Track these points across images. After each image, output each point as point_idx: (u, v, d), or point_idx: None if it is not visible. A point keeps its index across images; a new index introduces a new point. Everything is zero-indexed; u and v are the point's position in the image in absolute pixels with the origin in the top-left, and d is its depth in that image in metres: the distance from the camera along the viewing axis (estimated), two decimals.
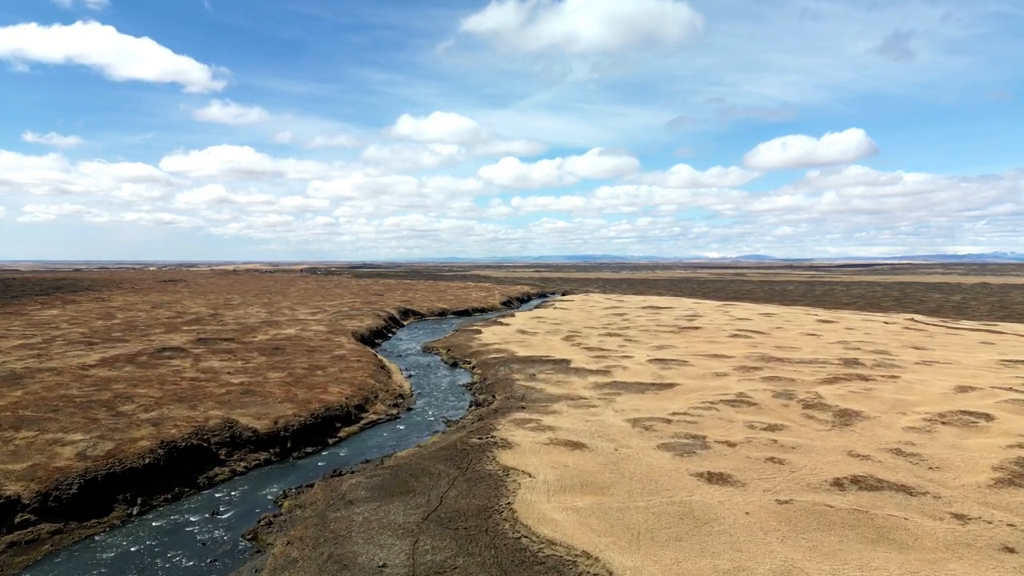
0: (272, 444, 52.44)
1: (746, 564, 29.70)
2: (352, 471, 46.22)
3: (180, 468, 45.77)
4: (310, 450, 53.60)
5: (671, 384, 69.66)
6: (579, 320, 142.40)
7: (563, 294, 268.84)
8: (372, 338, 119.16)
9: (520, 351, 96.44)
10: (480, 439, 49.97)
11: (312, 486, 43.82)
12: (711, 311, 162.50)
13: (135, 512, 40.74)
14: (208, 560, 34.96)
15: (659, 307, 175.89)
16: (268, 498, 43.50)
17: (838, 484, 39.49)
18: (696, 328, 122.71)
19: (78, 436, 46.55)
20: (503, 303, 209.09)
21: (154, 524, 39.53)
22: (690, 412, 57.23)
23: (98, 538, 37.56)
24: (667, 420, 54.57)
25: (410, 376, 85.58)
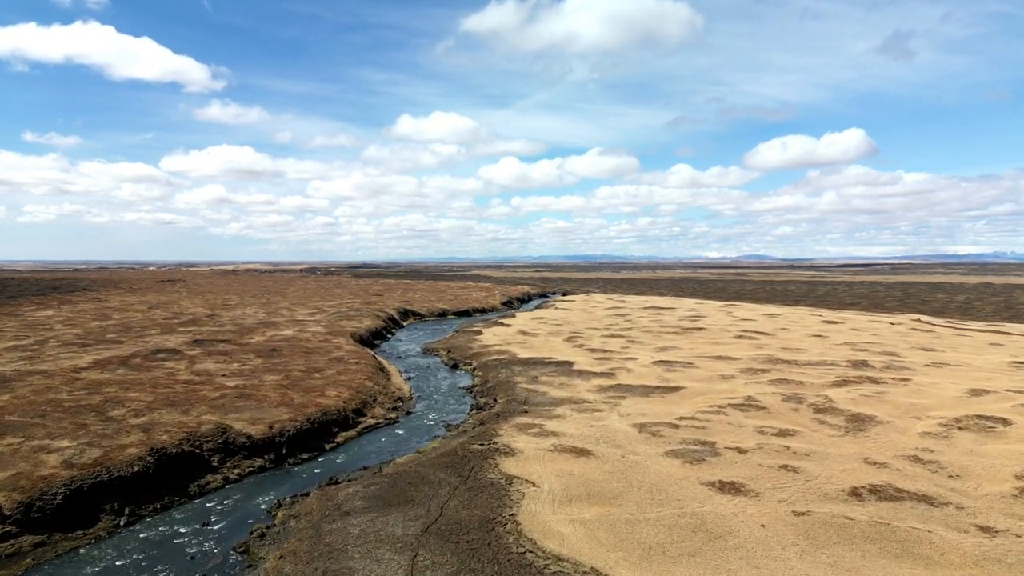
0: (267, 450, 50.78)
1: None
2: (349, 479, 44.58)
3: (170, 476, 44.11)
4: (306, 456, 51.94)
5: (677, 387, 68.00)
6: (581, 321, 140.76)
7: (564, 294, 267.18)
8: (371, 339, 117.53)
9: (522, 353, 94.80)
10: (482, 445, 48.31)
11: (307, 495, 42.18)
12: (714, 311, 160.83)
13: (122, 523, 39.08)
14: (196, 575, 33.32)
15: (661, 307, 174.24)
16: (261, 507, 41.85)
17: (856, 494, 37.83)
18: (700, 329, 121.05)
19: (65, 443, 44.89)
20: (503, 303, 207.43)
21: (142, 536, 37.87)
22: (698, 417, 55.57)
23: (83, 551, 35.90)
24: (674, 425, 52.91)
25: (409, 378, 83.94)
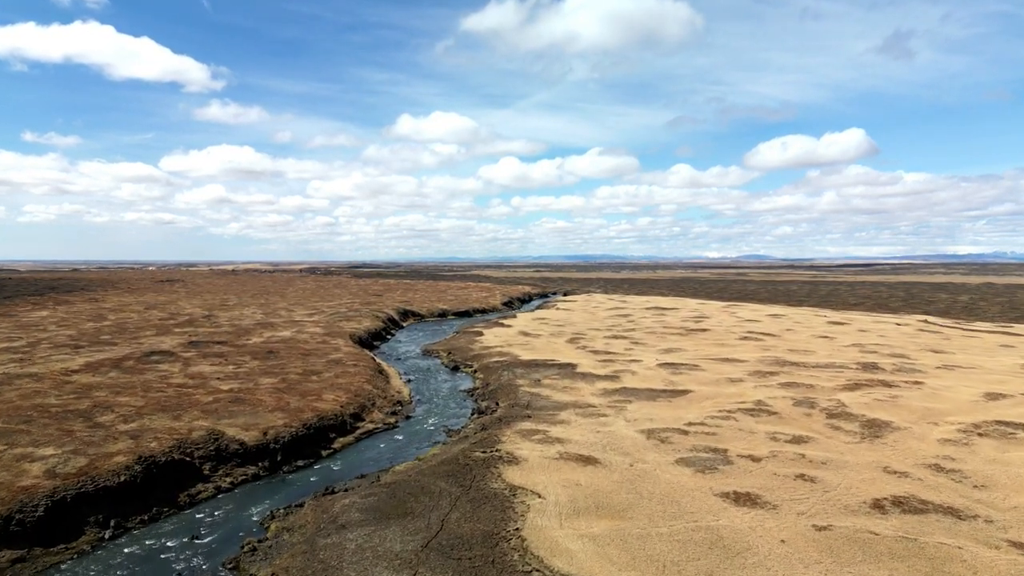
0: (261, 457, 48.93)
1: None
2: (346, 488, 42.73)
3: (159, 485, 42.26)
4: (301, 464, 50.09)
5: (684, 391, 66.15)
6: (583, 322, 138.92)
7: (565, 294, 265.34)
8: (370, 340, 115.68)
9: (523, 354, 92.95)
10: (484, 453, 46.47)
11: (302, 506, 40.33)
12: (717, 312, 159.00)
13: (107, 536, 37.24)
14: None
15: (664, 308, 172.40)
16: (254, 519, 40.00)
17: (878, 506, 35.99)
18: (704, 330, 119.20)
19: (49, 451, 43.03)
20: (504, 304, 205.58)
21: (127, 550, 36.02)
22: (707, 422, 53.72)
23: (64, 566, 34.07)
24: (683, 431, 51.05)
25: (409, 381, 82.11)
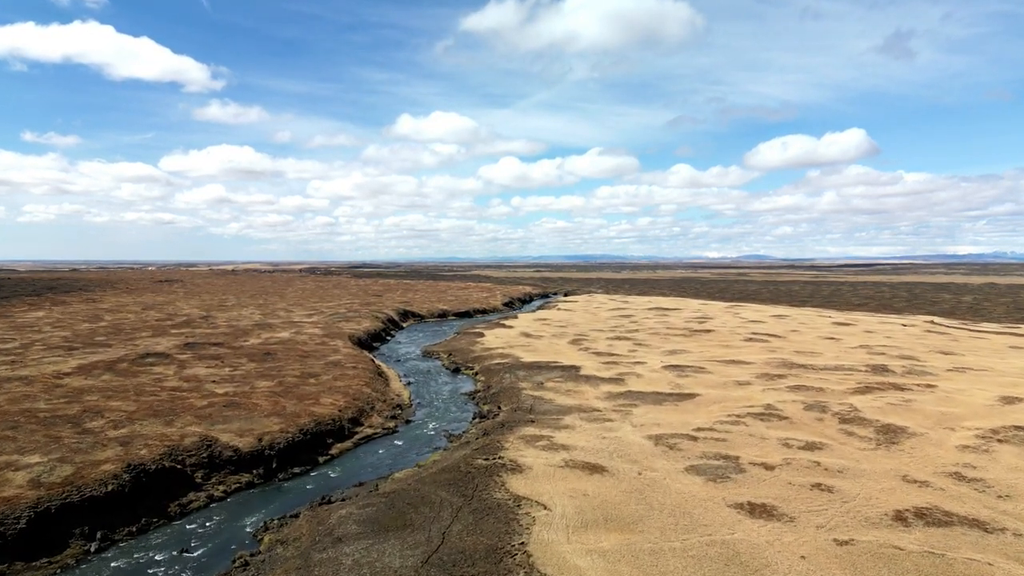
0: (255, 464, 47.28)
1: None
2: (343, 498, 41.12)
3: (149, 495, 40.61)
4: (297, 471, 48.43)
5: (691, 394, 64.50)
6: (585, 322, 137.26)
7: (566, 295, 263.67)
8: (370, 341, 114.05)
9: (525, 356, 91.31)
10: (486, 460, 44.82)
11: (297, 516, 38.70)
12: (721, 313, 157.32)
13: (93, 548, 35.59)
14: None
15: (666, 308, 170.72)
16: (247, 530, 38.36)
17: (900, 518, 34.34)
18: (708, 331, 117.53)
19: (35, 458, 41.39)
20: (505, 304, 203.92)
21: (113, 564, 34.38)
22: (716, 428, 52.07)
23: None
24: (692, 437, 49.40)
25: (409, 383, 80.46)
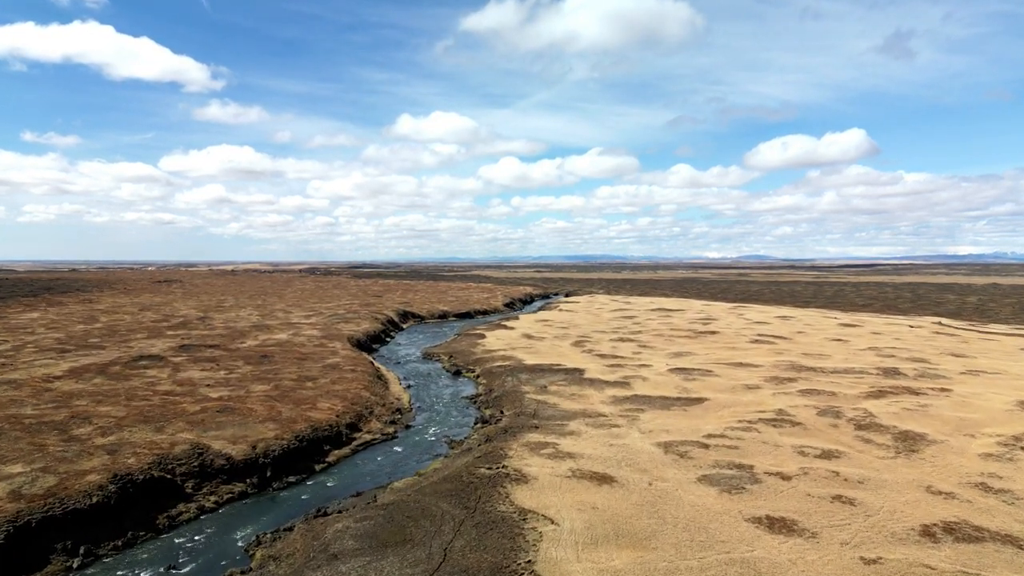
0: (249, 473, 45.41)
1: None
2: (339, 510, 39.24)
3: (136, 506, 38.75)
4: (293, 479, 46.55)
5: (699, 399, 62.64)
6: (587, 323, 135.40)
7: (567, 295, 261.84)
8: (369, 343, 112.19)
9: (528, 358, 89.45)
10: (489, 469, 42.94)
11: (291, 530, 36.84)
12: (724, 314, 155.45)
13: (76, 565, 33.72)
14: None
15: (669, 309, 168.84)
16: (238, 544, 36.52)
17: (928, 534, 32.48)
18: (713, 333, 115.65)
19: (17, 468, 39.55)
20: (506, 305, 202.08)
21: None
22: (727, 434, 50.20)
23: None
24: (703, 445, 47.53)
25: (409, 387, 78.61)
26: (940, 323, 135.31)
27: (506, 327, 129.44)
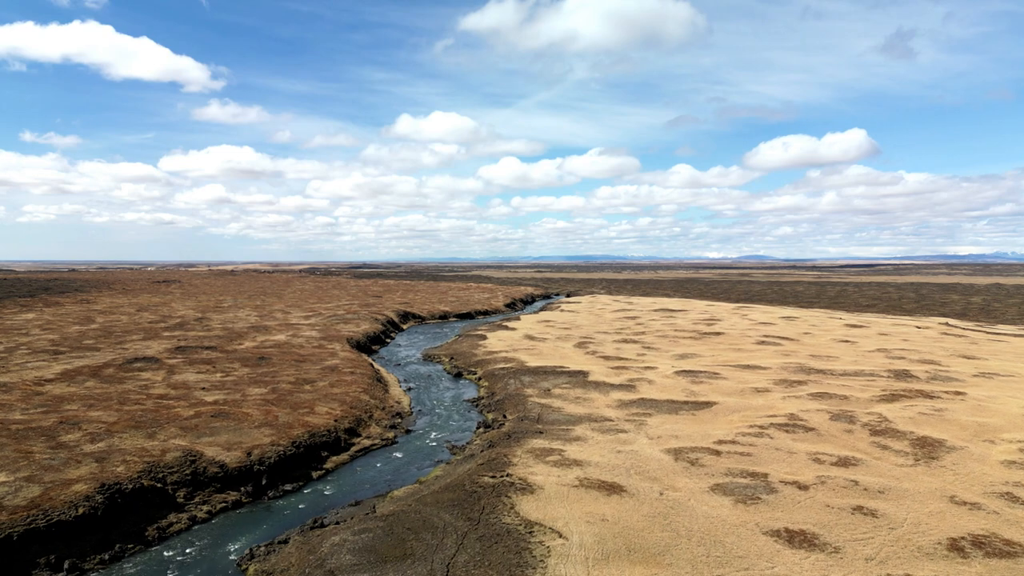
0: (243, 481, 43.76)
1: None
2: (337, 521, 37.60)
3: (125, 518, 37.11)
4: (289, 487, 44.90)
5: (708, 403, 60.99)
6: (590, 324, 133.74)
7: (568, 295, 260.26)
8: (369, 344, 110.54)
9: (530, 360, 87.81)
10: (493, 477, 41.29)
11: (287, 542, 35.19)
12: (728, 314, 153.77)
13: None
14: None
15: (672, 310, 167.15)
16: (231, 557, 34.89)
17: (957, 548, 30.84)
18: (718, 334, 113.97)
19: (1, 478, 37.91)
20: (507, 305, 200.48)
21: None
22: (739, 440, 48.54)
23: None
24: (714, 451, 45.87)
25: (409, 389, 76.96)
26: (947, 324, 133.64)
27: (508, 328, 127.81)
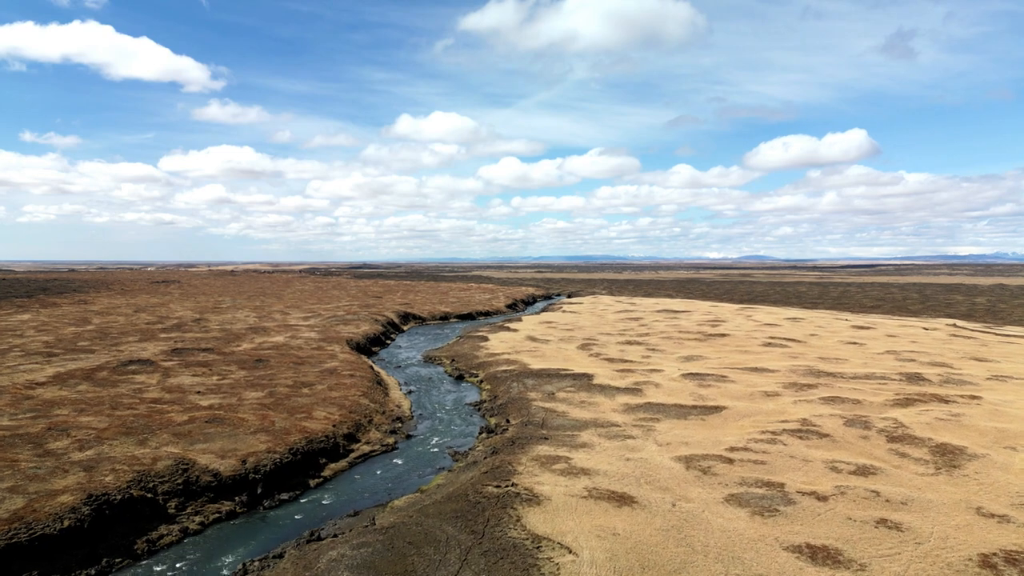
0: (238, 490, 42.12)
1: None
2: (335, 533, 35.95)
3: (113, 530, 35.49)
4: (286, 496, 43.26)
5: (717, 407, 59.34)
6: (592, 325, 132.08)
7: (570, 296, 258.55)
8: (369, 346, 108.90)
9: (533, 363, 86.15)
10: (498, 487, 39.65)
11: (282, 557, 33.56)
12: (733, 315, 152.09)
13: None
14: None
15: (675, 311, 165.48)
16: (223, 573, 33.30)
17: (989, 564, 29.21)
18: (723, 335, 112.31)
19: None
20: (508, 306, 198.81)
21: None
22: (751, 447, 46.90)
23: None
24: (726, 459, 44.22)
25: (410, 392, 75.33)
26: (955, 325, 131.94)
27: (509, 329, 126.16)
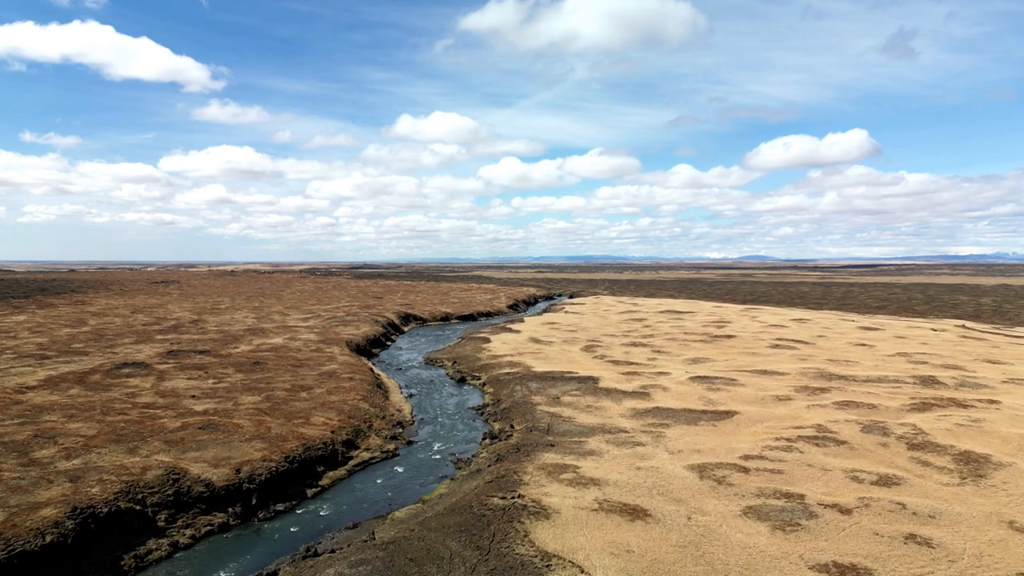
0: (231, 501, 40.31)
1: None
2: (332, 548, 34.12)
3: (98, 545, 33.67)
4: (281, 507, 41.44)
5: (728, 412, 57.51)
6: (596, 327, 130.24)
7: (571, 296, 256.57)
8: (369, 347, 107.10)
9: (536, 365, 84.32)
10: (503, 499, 37.81)
11: (276, 575, 31.75)
12: (737, 316, 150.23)
13: None
14: None
15: (679, 311, 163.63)
16: None
17: None
18: (729, 337, 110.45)
19: None
20: (509, 306, 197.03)
21: None
22: (767, 455, 45.06)
23: None
24: (742, 468, 42.39)
25: (411, 396, 73.52)
26: (964, 326, 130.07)
27: (511, 330, 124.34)
